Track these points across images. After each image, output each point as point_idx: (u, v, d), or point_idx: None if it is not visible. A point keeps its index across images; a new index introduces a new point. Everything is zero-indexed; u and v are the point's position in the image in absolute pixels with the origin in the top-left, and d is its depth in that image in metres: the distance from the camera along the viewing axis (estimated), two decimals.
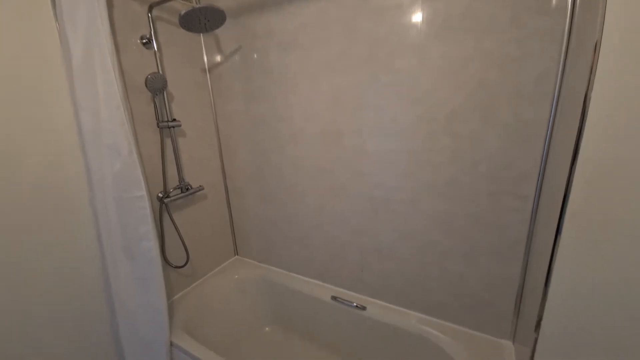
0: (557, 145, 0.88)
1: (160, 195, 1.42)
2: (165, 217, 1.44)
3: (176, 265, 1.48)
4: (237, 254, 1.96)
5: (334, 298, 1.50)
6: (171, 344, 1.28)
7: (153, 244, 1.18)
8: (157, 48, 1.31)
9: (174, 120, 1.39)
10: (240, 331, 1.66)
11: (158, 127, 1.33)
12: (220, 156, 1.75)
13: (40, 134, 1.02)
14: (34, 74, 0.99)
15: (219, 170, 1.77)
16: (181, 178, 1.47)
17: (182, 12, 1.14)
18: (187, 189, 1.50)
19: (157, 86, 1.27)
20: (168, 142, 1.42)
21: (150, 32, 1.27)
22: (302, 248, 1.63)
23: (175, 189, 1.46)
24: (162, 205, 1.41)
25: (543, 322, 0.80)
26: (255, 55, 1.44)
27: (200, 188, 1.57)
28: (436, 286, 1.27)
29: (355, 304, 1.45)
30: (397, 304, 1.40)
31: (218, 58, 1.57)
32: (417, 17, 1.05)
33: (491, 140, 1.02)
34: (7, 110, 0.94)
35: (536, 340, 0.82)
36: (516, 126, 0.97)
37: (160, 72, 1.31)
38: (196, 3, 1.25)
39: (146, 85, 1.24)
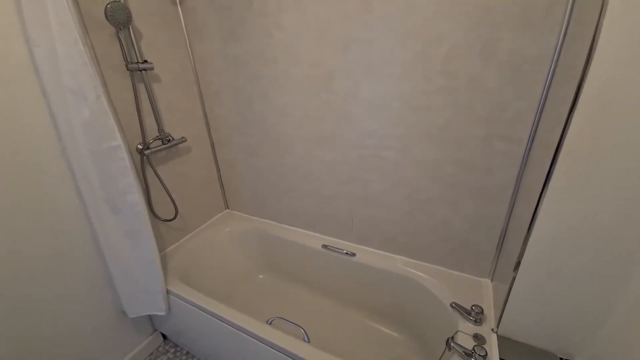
0: (558, 83, 0.82)
1: (139, 147, 1.34)
2: (149, 170, 1.38)
3: (165, 219, 1.46)
4: (228, 208, 1.96)
5: (324, 246, 1.55)
6: (167, 292, 1.32)
7: (138, 198, 1.14)
8: None
9: (145, 61, 1.24)
10: (234, 279, 1.73)
11: (127, 69, 1.19)
12: (202, 105, 1.63)
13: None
14: None
15: (202, 120, 1.66)
16: (160, 129, 1.38)
17: None
18: (169, 140, 1.42)
19: (119, 18, 1.10)
20: (141, 88, 1.29)
21: None
22: (291, 199, 1.63)
23: (155, 139, 1.37)
24: (143, 158, 1.34)
25: (523, 262, 0.84)
26: None
27: (183, 140, 1.49)
28: (422, 231, 1.31)
29: (345, 251, 1.50)
30: (384, 250, 1.46)
31: None
32: None
33: (489, 80, 0.96)
34: None
35: (514, 279, 0.87)
36: (518, 63, 0.90)
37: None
38: None
39: (106, 17, 1.07)
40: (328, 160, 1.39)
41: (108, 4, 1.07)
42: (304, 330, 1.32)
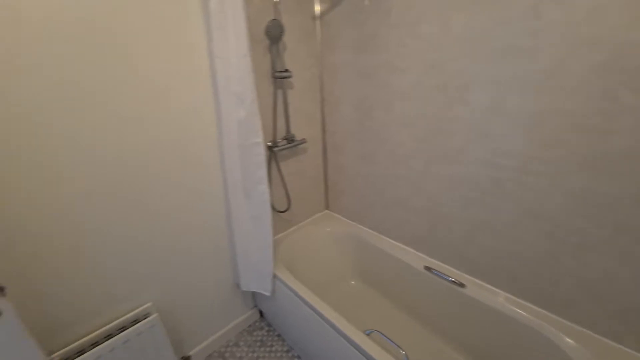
0: None
1: (269, 144, 1.53)
2: (273, 165, 1.57)
3: (279, 210, 1.63)
4: (328, 209, 2.05)
5: (427, 268, 1.44)
6: (274, 276, 1.46)
7: (266, 188, 1.30)
8: None
9: (286, 70, 1.41)
10: (328, 278, 1.79)
11: (273, 77, 1.38)
12: (322, 110, 1.75)
13: (184, 81, 1.16)
14: (177, 25, 1.10)
15: (319, 124, 1.79)
16: (288, 129, 1.54)
17: None
18: (293, 141, 1.57)
19: (275, 34, 1.28)
20: (279, 93, 1.47)
21: None
22: (398, 212, 1.57)
23: (282, 139, 1.54)
24: (271, 154, 1.52)
25: None
26: None
27: (303, 141, 1.63)
28: (568, 281, 1.06)
29: (452, 279, 1.36)
30: (505, 290, 1.25)
31: (329, 2, 1.48)
32: None
33: None
34: (165, 61, 1.09)
35: None
36: None
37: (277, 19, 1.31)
38: None
39: (266, 33, 1.26)
40: (449, 176, 1.29)
41: (269, 22, 1.26)
42: (406, 355, 1.24)
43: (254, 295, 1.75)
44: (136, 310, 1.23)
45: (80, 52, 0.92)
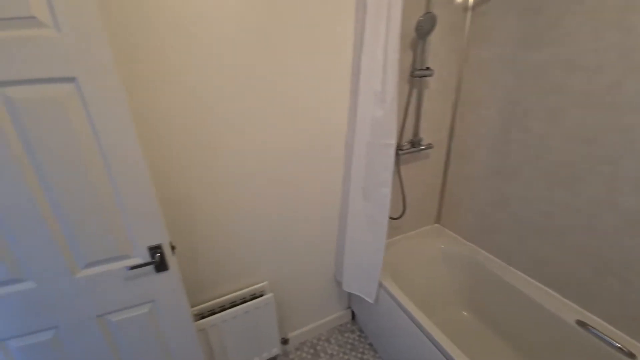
0: None
1: None
2: (394, 168, 1.48)
3: (392, 217, 1.54)
4: (439, 222, 1.85)
5: (581, 323, 1.12)
6: (379, 283, 1.39)
7: (388, 191, 1.23)
8: None
9: (427, 68, 1.29)
10: (433, 299, 1.62)
11: (411, 75, 1.28)
12: (453, 112, 1.56)
13: (325, 75, 1.17)
14: (328, 20, 1.10)
15: (447, 128, 1.60)
16: (416, 132, 1.43)
17: None
18: (419, 145, 1.45)
19: (426, 28, 1.18)
20: (413, 93, 1.37)
21: None
22: (544, 246, 1.28)
23: (407, 142, 1.44)
24: (395, 157, 1.43)
25: None
26: None
27: (430, 146, 1.48)
28: None
29: (618, 345, 1.02)
30: None
31: None
32: None
33: None
34: (311, 55, 1.11)
35: None
36: None
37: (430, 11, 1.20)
38: None
39: (416, 28, 1.17)
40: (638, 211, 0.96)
41: (421, 16, 1.16)
42: None
43: (349, 296, 1.72)
44: (255, 286, 1.34)
45: (239, 52, 1.01)
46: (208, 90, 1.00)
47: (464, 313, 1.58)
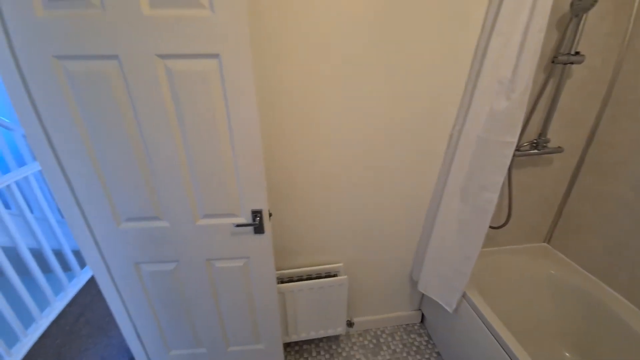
0: None
1: None
2: None
3: (491, 225, 1.36)
4: (549, 242, 1.55)
5: None
6: (463, 294, 1.27)
7: (495, 197, 1.07)
8: None
9: (577, 53, 1.04)
10: (529, 330, 1.39)
11: (553, 62, 1.05)
12: (599, 112, 1.24)
13: (442, 57, 1.05)
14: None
15: (586, 131, 1.29)
16: (543, 132, 1.19)
17: None
18: (543, 147, 1.21)
19: (585, 5, 0.94)
20: (550, 83, 1.13)
21: None
22: None
23: (528, 142, 1.22)
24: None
25: None
26: None
27: (558, 150, 1.23)
28: None
29: None
30: None
31: None
32: None
33: None
34: (432, 33, 1.01)
35: None
36: None
37: None
38: None
39: (572, 3, 0.94)
40: None
41: None
42: None
43: (422, 297, 1.63)
44: (331, 265, 1.38)
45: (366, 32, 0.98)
46: (321, 72, 1.02)
47: (567, 354, 1.32)
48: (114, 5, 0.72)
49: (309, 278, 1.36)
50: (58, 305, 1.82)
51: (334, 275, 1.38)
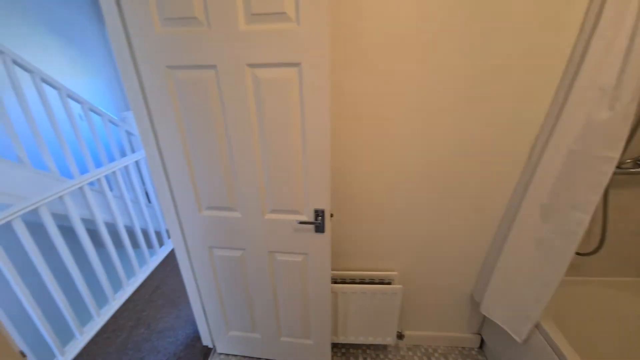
0: None
1: None
2: None
3: (578, 252, 1.19)
4: None
5: None
6: (537, 324, 1.13)
7: (586, 219, 0.94)
8: None
9: None
10: None
11: None
12: None
13: (531, 59, 0.96)
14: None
15: None
16: None
17: None
18: None
19: None
20: None
21: None
22: None
23: (632, 160, 1.05)
24: None
25: None
26: None
27: None
28: None
29: None
30: None
31: None
32: None
33: None
34: (522, 31, 0.94)
35: None
36: None
37: None
38: None
39: None
40: None
41: None
42: None
43: (484, 320, 1.50)
44: (385, 272, 1.36)
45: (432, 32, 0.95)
46: (393, 77, 1.02)
47: None
48: (217, 22, 0.84)
49: (362, 282, 1.37)
50: (141, 276, 2.13)
51: (388, 283, 1.36)
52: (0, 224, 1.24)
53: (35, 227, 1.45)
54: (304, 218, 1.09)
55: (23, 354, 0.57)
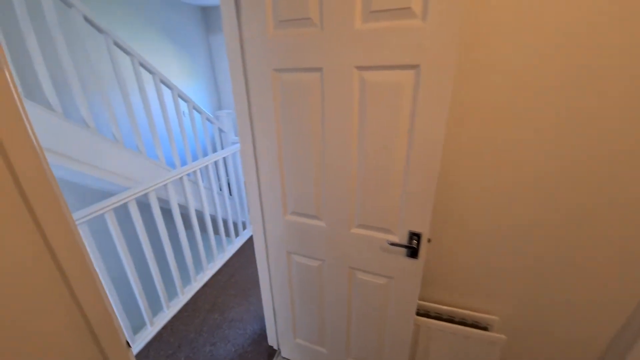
0: None
1: None
2: None
3: None
4: None
5: None
6: None
7: None
8: None
9: None
10: None
11: None
12: None
13: None
14: None
15: None
16: None
17: None
18: None
19: None
20: None
21: None
22: None
23: None
24: None
25: None
26: None
27: None
28: None
29: None
30: None
31: None
32: None
33: None
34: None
35: None
36: None
37: None
38: None
39: None
40: None
41: None
42: None
43: None
44: (481, 315, 1.15)
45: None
46: (528, 86, 0.83)
47: None
48: (331, 22, 0.78)
49: (450, 320, 1.18)
50: (218, 262, 2.29)
51: (484, 328, 1.14)
52: (120, 204, 1.45)
53: (142, 207, 1.66)
54: (396, 239, 0.97)
55: (129, 345, 0.59)
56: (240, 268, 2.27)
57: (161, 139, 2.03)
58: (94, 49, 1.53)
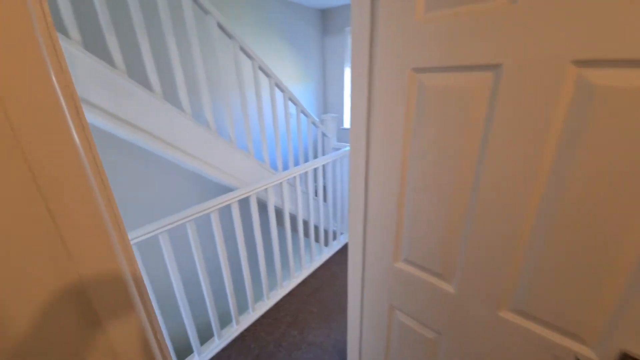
0: None
1: None
2: None
3: None
4: None
5: None
6: None
7: None
8: None
9: None
10: None
11: None
12: None
13: None
14: None
15: None
16: None
17: None
18: None
19: None
20: None
21: None
22: None
23: None
24: None
25: None
26: None
27: None
28: None
29: None
30: None
31: None
32: None
33: None
34: None
35: None
36: None
37: None
38: None
39: None
40: None
41: None
42: None
43: None
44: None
45: None
46: None
47: None
48: None
49: None
50: (305, 272, 2.20)
51: None
52: (225, 205, 1.47)
53: (240, 203, 1.68)
54: (592, 355, 0.57)
55: None
56: (325, 284, 2.12)
57: (267, 140, 2.05)
58: (221, 53, 1.60)
